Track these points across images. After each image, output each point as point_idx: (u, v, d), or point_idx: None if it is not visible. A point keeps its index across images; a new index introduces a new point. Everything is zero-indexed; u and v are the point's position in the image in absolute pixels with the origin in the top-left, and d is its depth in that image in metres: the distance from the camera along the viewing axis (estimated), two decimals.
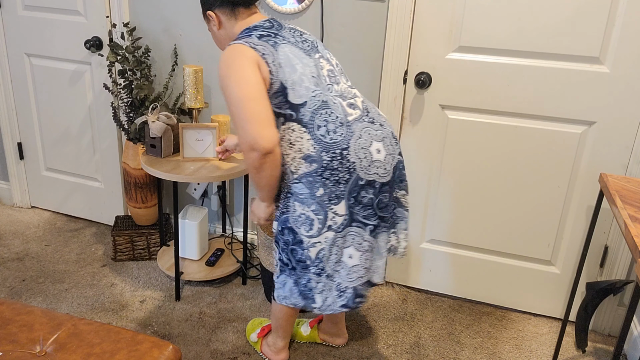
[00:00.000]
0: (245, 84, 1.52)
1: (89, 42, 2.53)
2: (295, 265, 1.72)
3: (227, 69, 1.55)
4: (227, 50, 1.59)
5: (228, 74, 1.54)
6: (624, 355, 2.22)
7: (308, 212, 1.63)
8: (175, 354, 1.45)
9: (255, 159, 1.53)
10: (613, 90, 2.02)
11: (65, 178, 2.95)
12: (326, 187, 1.60)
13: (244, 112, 1.51)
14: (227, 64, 1.55)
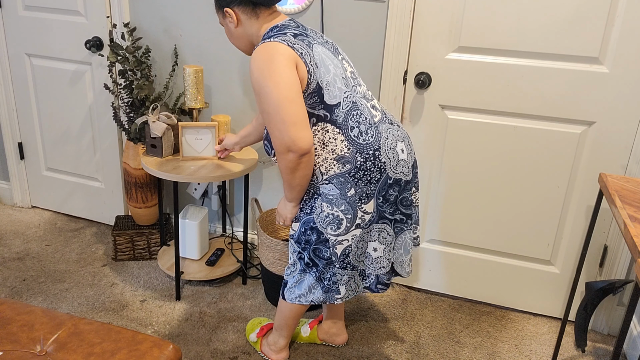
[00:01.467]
0: (284, 85, 1.48)
1: (90, 42, 2.54)
2: (318, 262, 1.72)
3: (265, 68, 1.50)
4: (263, 48, 1.53)
5: (266, 75, 1.50)
6: (623, 354, 2.22)
7: (337, 212, 1.63)
8: (176, 354, 1.45)
9: (292, 160, 1.52)
10: (613, 90, 2.02)
11: (65, 178, 2.95)
12: (358, 187, 1.61)
13: (283, 114, 1.49)
14: (265, 63, 1.50)
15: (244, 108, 2.53)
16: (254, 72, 1.52)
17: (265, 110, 1.52)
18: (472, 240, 2.38)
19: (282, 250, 2.21)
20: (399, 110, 2.26)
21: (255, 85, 1.52)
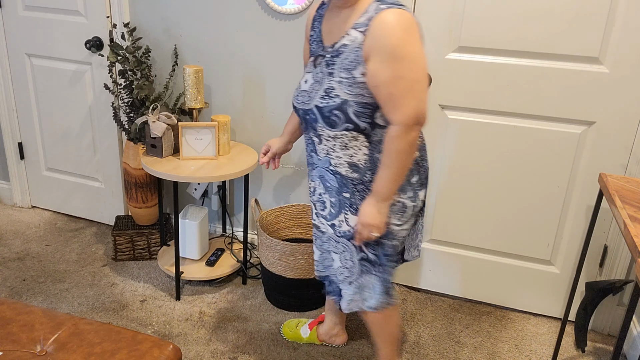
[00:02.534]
0: (422, 65, 1.41)
1: (90, 42, 2.54)
2: (382, 259, 1.66)
3: (408, 35, 1.38)
4: (402, 14, 1.39)
5: (410, 41, 1.39)
6: (623, 354, 2.22)
7: (404, 200, 1.59)
8: (176, 354, 1.45)
9: (415, 136, 1.45)
10: (612, 90, 2.02)
11: (65, 178, 2.95)
12: (420, 173, 1.63)
13: (415, 91, 1.41)
14: (408, 30, 1.39)
15: (244, 108, 2.53)
16: (395, 33, 1.37)
17: (405, 76, 1.39)
18: (472, 240, 2.38)
19: (282, 250, 2.21)
20: None
21: (397, 48, 1.37)
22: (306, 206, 2.52)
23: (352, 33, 1.45)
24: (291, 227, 2.56)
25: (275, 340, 2.17)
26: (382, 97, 1.44)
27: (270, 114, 2.49)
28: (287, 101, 2.44)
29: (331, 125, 1.51)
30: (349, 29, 1.46)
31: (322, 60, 1.53)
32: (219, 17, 2.41)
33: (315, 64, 1.55)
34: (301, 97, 1.57)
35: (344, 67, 1.46)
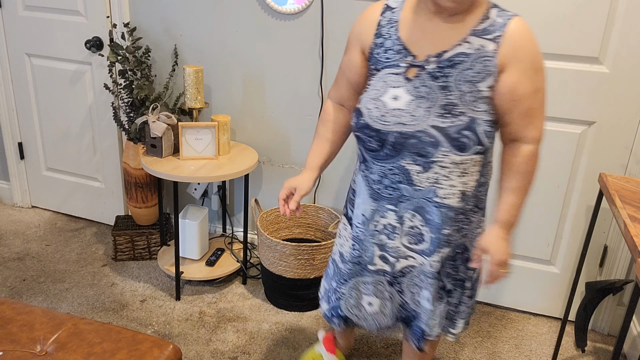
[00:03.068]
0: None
1: (90, 42, 2.54)
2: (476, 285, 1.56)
3: (540, 51, 1.29)
4: (530, 30, 1.28)
5: (542, 61, 1.30)
6: (623, 354, 2.22)
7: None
8: (176, 354, 1.45)
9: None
10: (612, 90, 2.02)
11: (65, 178, 2.95)
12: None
13: (544, 106, 1.33)
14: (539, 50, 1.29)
15: (244, 108, 2.53)
16: (534, 43, 1.28)
17: (542, 89, 1.30)
18: None
19: (282, 250, 2.21)
20: None
21: (536, 58, 1.28)
22: (306, 206, 2.52)
23: (474, 41, 1.27)
24: (291, 227, 2.56)
25: (275, 340, 2.17)
26: (519, 112, 1.29)
27: (270, 114, 2.49)
28: (287, 101, 2.44)
29: (460, 149, 1.27)
30: (466, 36, 1.27)
31: (421, 73, 1.29)
32: (219, 17, 2.41)
33: (406, 77, 1.30)
34: (394, 118, 1.30)
35: (466, 79, 1.27)
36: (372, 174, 1.39)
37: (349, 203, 1.54)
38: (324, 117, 1.53)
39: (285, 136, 2.51)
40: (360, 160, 1.44)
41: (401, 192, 1.37)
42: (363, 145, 1.38)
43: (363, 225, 1.46)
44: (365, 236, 1.47)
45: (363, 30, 1.38)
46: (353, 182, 1.53)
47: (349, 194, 1.56)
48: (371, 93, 1.34)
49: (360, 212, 1.45)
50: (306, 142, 2.48)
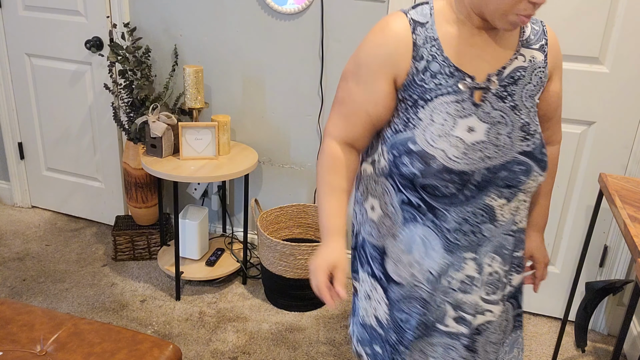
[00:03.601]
0: None
1: (90, 42, 2.54)
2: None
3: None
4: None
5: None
6: (623, 354, 2.22)
7: None
8: (176, 354, 1.45)
9: None
10: (612, 90, 2.02)
11: (65, 178, 2.95)
12: None
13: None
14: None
15: (244, 108, 2.53)
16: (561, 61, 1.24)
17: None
18: None
19: (282, 250, 2.21)
20: None
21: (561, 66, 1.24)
22: (306, 206, 2.52)
23: (525, 52, 1.16)
24: (291, 227, 2.56)
25: (275, 340, 2.17)
26: (557, 118, 1.28)
27: (270, 114, 2.50)
28: (287, 101, 2.44)
29: (543, 169, 1.17)
30: (518, 48, 1.15)
31: (486, 95, 1.12)
32: (219, 17, 2.41)
33: (474, 102, 1.11)
34: (478, 153, 1.10)
35: (529, 94, 1.15)
36: (447, 223, 1.15)
37: (373, 262, 1.26)
38: (334, 163, 1.18)
39: (285, 136, 2.51)
40: (414, 210, 1.16)
41: (483, 233, 1.17)
42: (432, 192, 1.12)
43: (430, 284, 1.20)
44: (433, 296, 1.21)
45: (393, 53, 1.10)
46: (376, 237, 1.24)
47: (363, 251, 1.28)
48: (434, 129, 1.09)
49: (425, 269, 1.19)
50: (306, 142, 2.48)
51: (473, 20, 1.10)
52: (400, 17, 1.11)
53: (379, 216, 1.21)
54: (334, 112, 1.18)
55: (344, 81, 1.16)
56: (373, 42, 1.11)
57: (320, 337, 2.20)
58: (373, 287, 1.28)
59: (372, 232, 1.23)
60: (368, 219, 1.23)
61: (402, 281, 1.21)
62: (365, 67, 1.12)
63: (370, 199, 1.22)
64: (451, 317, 1.22)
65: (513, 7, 1.02)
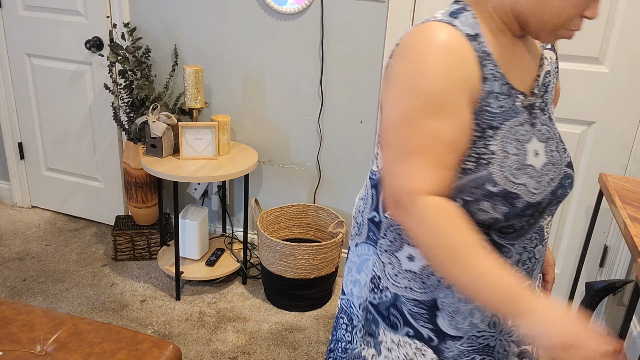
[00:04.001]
0: None
1: (90, 42, 2.54)
2: None
3: None
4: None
5: None
6: (623, 354, 2.22)
7: None
8: (176, 354, 1.45)
9: None
10: (613, 90, 2.02)
11: (65, 178, 2.95)
12: None
13: None
14: None
15: (244, 108, 2.53)
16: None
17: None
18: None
19: (282, 250, 2.22)
20: None
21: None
22: (306, 206, 2.52)
23: (547, 55, 1.07)
24: (291, 227, 2.56)
25: (275, 340, 2.17)
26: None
27: (270, 114, 2.50)
28: (287, 101, 2.44)
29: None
30: (542, 52, 1.07)
31: (534, 112, 1.01)
32: (219, 17, 2.41)
33: (532, 123, 1.00)
34: (545, 177, 0.99)
35: (551, 100, 1.08)
36: (511, 258, 1.03)
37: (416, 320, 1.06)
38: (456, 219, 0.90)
39: (285, 136, 2.51)
40: None
41: (535, 257, 1.07)
42: (505, 231, 0.99)
43: (495, 328, 1.07)
44: (500, 341, 1.09)
45: (469, 75, 0.91)
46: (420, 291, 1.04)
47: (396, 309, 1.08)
48: (511, 162, 0.95)
49: (489, 314, 1.05)
50: (306, 142, 2.48)
51: (514, 28, 0.98)
52: (452, 31, 0.91)
53: (422, 266, 1.02)
54: (411, 166, 0.89)
55: (412, 125, 0.89)
56: (442, 64, 0.88)
57: (320, 337, 2.20)
58: (418, 351, 1.08)
59: (413, 285, 1.04)
60: (403, 271, 1.04)
61: (461, 333, 1.05)
62: (442, 95, 0.88)
63: (406, 248, 1.03)
64: (515, 354, 1.12)
65: (568, 22, 0.92)
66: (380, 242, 1.07)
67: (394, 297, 1.06)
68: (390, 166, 0.91)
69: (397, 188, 0.90)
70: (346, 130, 2.40)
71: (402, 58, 0.90)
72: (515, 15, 0.95)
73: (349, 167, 2.46)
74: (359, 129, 2.38)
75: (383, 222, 1.06)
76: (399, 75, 0.90)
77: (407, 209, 0.89)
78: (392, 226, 1.05)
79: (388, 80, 0.94)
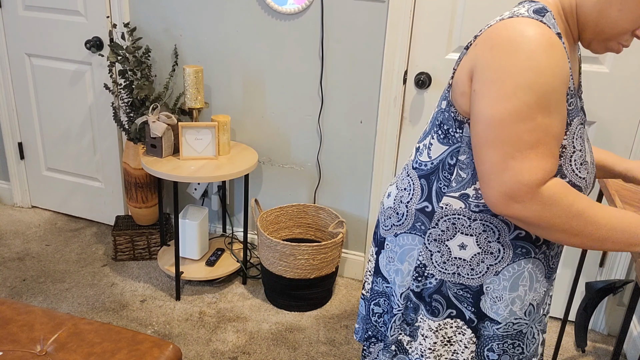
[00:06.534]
0: None
1: (90, 42, 2.54)
2: None
3: None
4: None
5: None
6: (623, 354, 2.22)
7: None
8: (176, 354, 1.45)
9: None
10: (613, 90, 2.02)
11: (65, 178, 2.95)
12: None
13: None
14: None
15: (244, 108, 2.53)
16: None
17: None
18: None
19: (282, 250, 2.22)
20: (398, 110, 2.26)
21: None
22: (306, 206, 2.52)
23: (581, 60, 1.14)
24: (291, 227, 2.56)
25: (276, 340, 2.17)
26: None
27: (270, 114, 2.50)
28: (287, 101, 2.44)
29: None
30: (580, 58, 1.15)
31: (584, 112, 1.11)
32: (219, 17, 2.41)
33: (584, 122, 1.07)
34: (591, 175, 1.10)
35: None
36: (552, 250, 1.12)
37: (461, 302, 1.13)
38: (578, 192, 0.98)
39: (285, 136, 2.51)
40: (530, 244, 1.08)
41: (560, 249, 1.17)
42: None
43: (529, 316, 1.14)
44: (531, 328, 1.16)
45: (567, 73, 0.96)
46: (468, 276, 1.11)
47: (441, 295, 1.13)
48: (577, 157, 1.03)
49: (527, 303, 1.13)
50: (306, 142, 2.48)
51: (574, 33, 1.04)
52: (549, 29, 0.94)
53: (473, 254, 1.08)
54: (529, 161, 0.93)
55: (527, 121, 0.92)
56: (550, 62, 0.91)
57: (320, 337, 2.20)
58: (458, 329, 1.15)
59: (461, 271, 1.10)
60: (453, 259, 1.10)
61: (499, 319, 1.12)
62: (554, 92, 0.92)
63: (459, 237, 1.08)
64: (540, 343, 1.20)
65: (620, 35, 0.97)
66: (430, 231, 1.11)
67: (439, 283, 1.12)
68: (501, 163, 0.93)
69: (516, 183, 0.93)
70: (346, 130, 2.40)
71: (504, 53, 0.92)
72: (579, 22, 1.00)
73: (348, 167, 2.46)
74: (359, 129, 2.38)
75: (437, 211, 1.09)
76: (505, 71, 0.91)
77: (530, 199, 0.93)
78: (446, 216, 1.09)
79: (483, 73, 0.95)
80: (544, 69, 0.91)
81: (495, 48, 0.93)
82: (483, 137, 0.95)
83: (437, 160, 1.09)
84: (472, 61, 0.98)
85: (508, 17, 0.96)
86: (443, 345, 1.16)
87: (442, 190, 1.09)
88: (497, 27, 0.96)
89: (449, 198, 1.08)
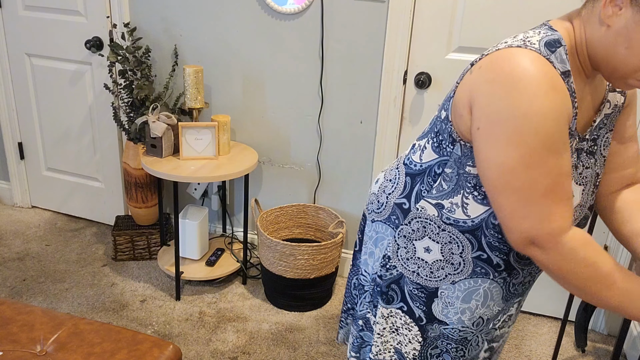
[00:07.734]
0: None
1: (90, 42, 2.54)
2: None
3: None
4: None
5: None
6: (623, 354, 2.22)
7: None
8: (176, 354, 1.45)
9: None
10: None
11: (65, 178, 2.95)
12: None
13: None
14: None
15: (244, 108, 2.53)
16: None
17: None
18: None
19: (282, 250, 2.22)
20: (398, 111, 2.26)
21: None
22: (306, 206, 2.52)
23: (611, 98, 1.07)
24: (291, 227, 2.56)
25: (276, 340, 2.17)
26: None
27: (270, 114, 2.50)
28: (287, 101, 2.44)
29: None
30: (606, 94, 1.06)
31: (582, 154, 1.06)
32: (219, 17, 2.41)
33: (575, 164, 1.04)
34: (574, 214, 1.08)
35: (608, 143, 1.10)
36: (516, 279, 1.13)
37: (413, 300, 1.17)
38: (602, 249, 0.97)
39: (285, 136, 2.51)
40: (490, 267, 1.09)
41: (532, 277, 1.18)
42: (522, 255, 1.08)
43: (477, 327, 1.17)
44: (476, 337, 1.20)
45: (570, 113, 0.94)
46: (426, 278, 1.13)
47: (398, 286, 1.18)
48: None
49: (477, 316, 1.15)
50: (306, 142, 2.48)
51: (587, 69, 1.00)
52: (552, 68, 0.92)
53: (435, 259, 1.10)
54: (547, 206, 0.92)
55: (537, 167, 0.90)
56: (553, 105, 0.90)
57: (320, 337, 2.20)
58: (405, 324, 1.19)
59: (421, 272, 1.12)
60: (416, 258, 1.12)
61: (447, 321, 1.15)
62: (559, 134, 0.91)
63: (427, 240, 1.10)
64: (483, 350, 1.23)
65: (635, 72, 0.93)
66: (401, 227, 1.13)
67: (398, 276, 1.16)
68: (520, 209, 0.92)
69: (535, 230, 0.92)
70: (346, 130, 2.40)
71: (504, 92, 0.90)
72: (589, 56, 0.97)
73: (348, 167, 2.46)
74: (359, 129, 2.38)
75: (412, 211, 1.11)
76: (508, 113, 0.89)
77: (551, 248, 0.93)
78: (419, 218, 1.10)
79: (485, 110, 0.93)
80: (547, 112, 0.89)
81: (496, 83, 0.91)
82: (498, 185, 0.94)
83: (426, 165, 1.09)
84: (472, 85, 0.96)
85: (517, 45, 0.93)
86: (390, 332, 1.21)
87: (422, 193, 1.10)
88: (501, 56, 0.93)
89: (426, 202, 1.09)
